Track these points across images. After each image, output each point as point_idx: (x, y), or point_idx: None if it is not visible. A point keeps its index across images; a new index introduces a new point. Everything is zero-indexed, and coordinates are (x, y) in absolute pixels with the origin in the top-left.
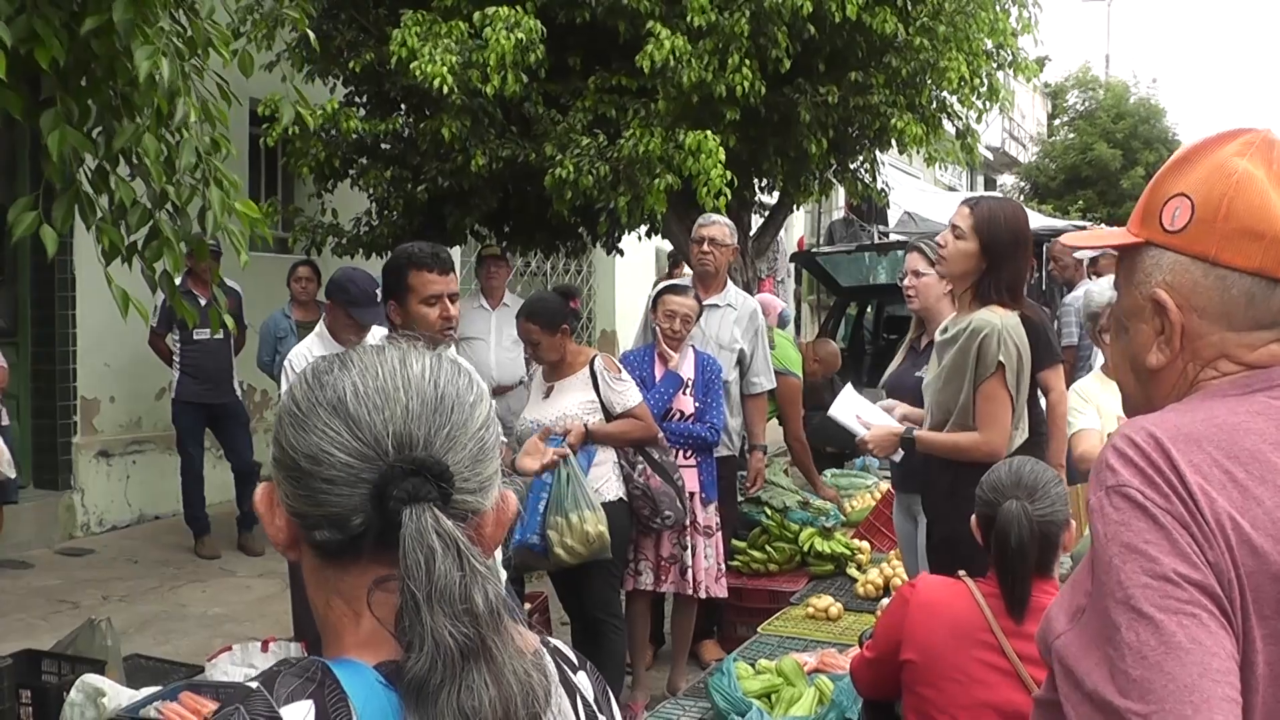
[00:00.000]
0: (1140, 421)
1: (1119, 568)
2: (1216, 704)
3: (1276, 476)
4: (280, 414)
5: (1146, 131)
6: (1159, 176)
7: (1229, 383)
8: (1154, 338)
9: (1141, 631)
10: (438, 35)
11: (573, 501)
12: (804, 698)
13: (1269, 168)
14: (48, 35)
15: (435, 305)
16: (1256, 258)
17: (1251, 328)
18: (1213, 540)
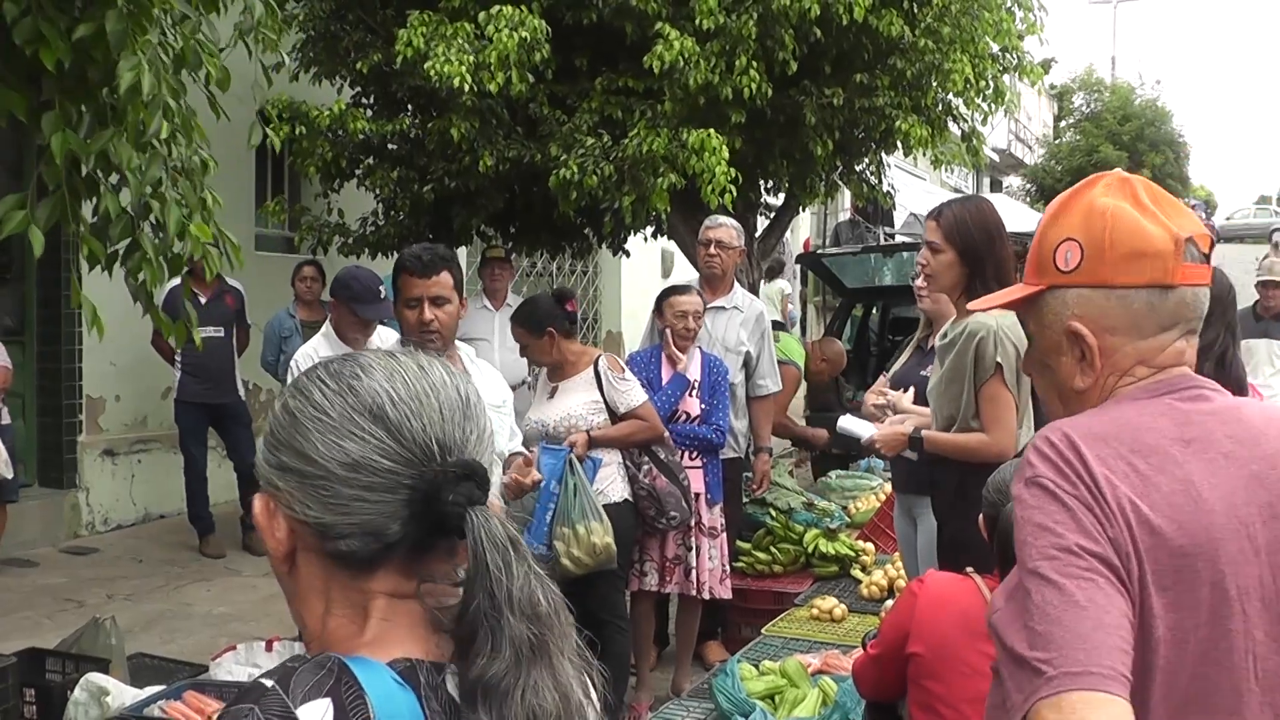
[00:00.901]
0: (1059, 424)
1: (1031, 544)
2: (1106, 651)
3: (1174, 467)
4: (295, 421)
5: (1153, 134)
6: (1040, 231)
7: (1139, 388)
8: (1077, 364)
9: (1047, 593)
10: (444, 36)
11: (580, 512)
12: (807, 699)
13: (1132, 200)
14: (53, 37)
15: (414, 308)
16: (1146, 273)
17: (1157, 331)
18: (1113, 520)
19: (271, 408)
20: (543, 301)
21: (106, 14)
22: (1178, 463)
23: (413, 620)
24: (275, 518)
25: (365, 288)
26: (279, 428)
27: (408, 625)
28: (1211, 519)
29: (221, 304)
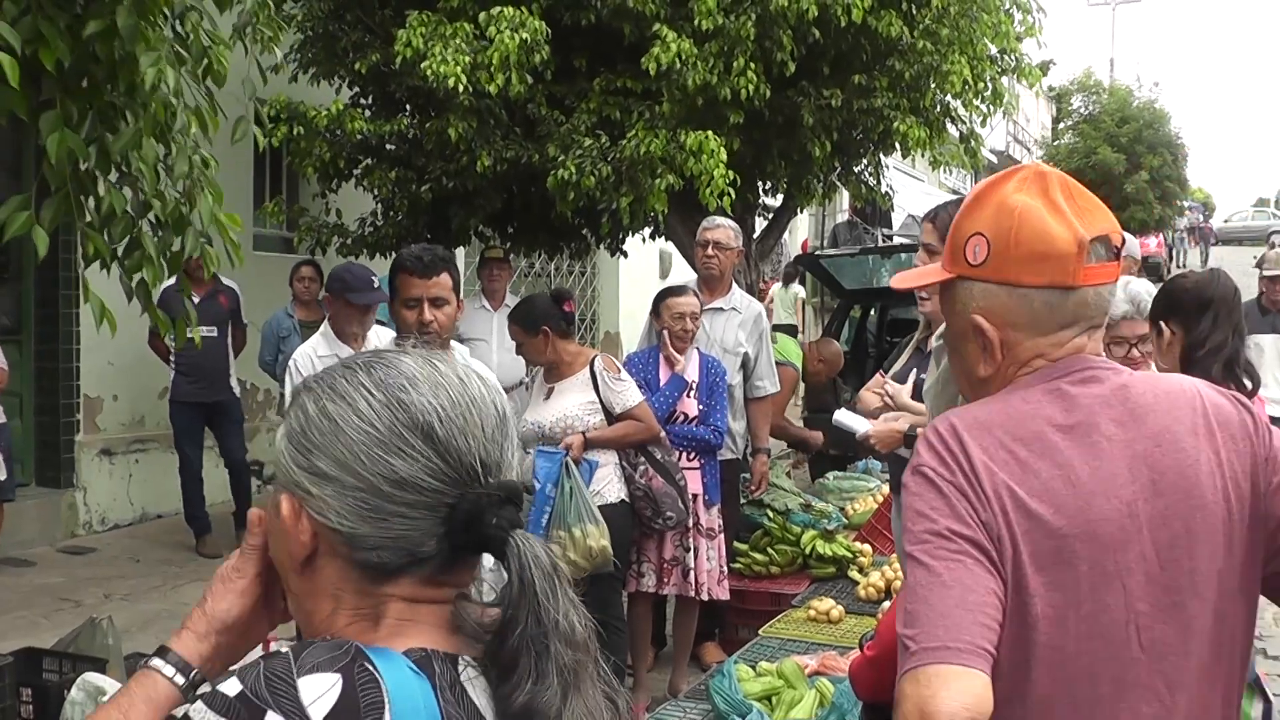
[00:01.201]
0: (948, 415)
1: (909, 528)
2: (965, 627)
3: (1053, 453)
4: (339, 430)
5: (1151, 136)
6: (958, 218)
7: (1033, 375)
8: (980, 354)
9: (918, 574)
10: (443, 36)
11: (575, 515)
12: (804, 700)
13: (1044, 196)
14: (52, 36)
15: (413, 308)
16: (1047, 274)
17: (1056, 329)
18: (987, 504)
19: (298, 406)
20: (539, 300)
21: (117, 9)
22: (1058, 449)
23: (430, 620)
24: (300, 520)
25: (357, 278)
26: (315, 432)
27: (424, 625)
28: (1090, 501)
29: (215, 303)
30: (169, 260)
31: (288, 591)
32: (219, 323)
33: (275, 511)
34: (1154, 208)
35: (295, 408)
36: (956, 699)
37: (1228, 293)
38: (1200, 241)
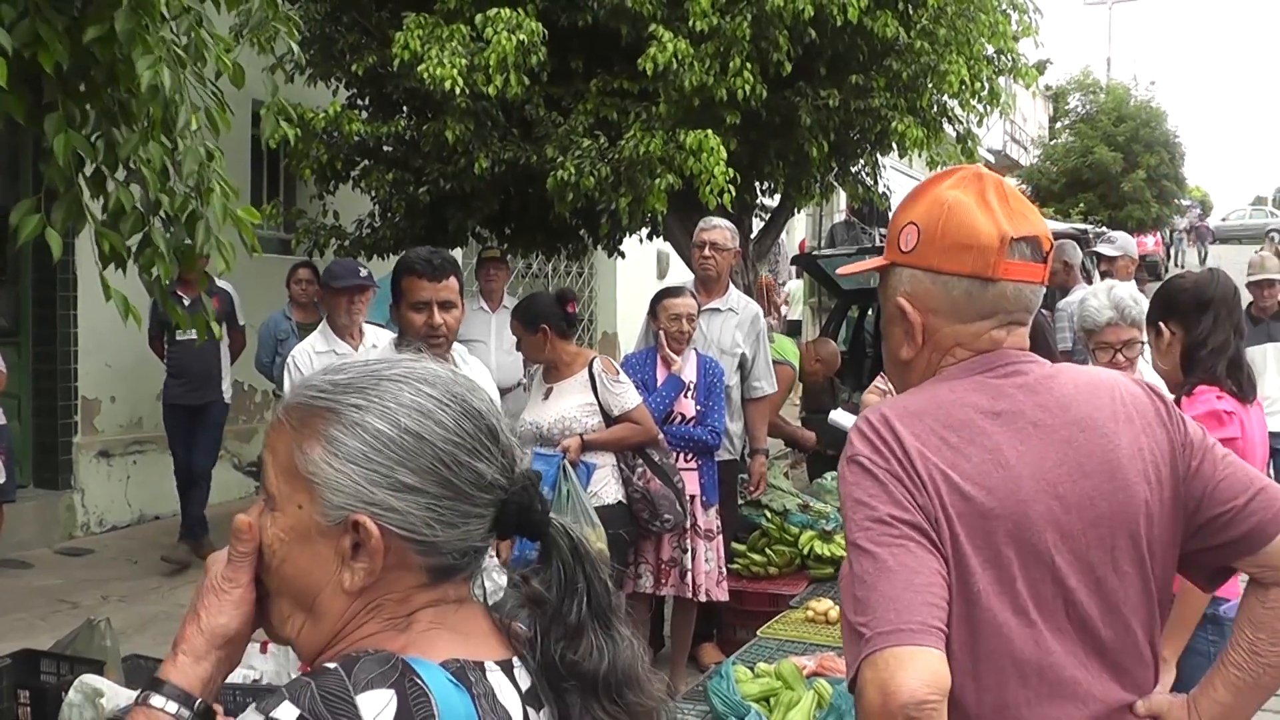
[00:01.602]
0: (875, 407)
1: (850, 517)
2: (916, 608)
3: (983, 439)
4: (425, 443)
5: (1148, 135)
6: (897, 210)
7: (958, 368)
8: (903, 337)
9: (864, 562)
10: (440, 38)
11: (572, 518)
12: (803, 701)
13: (979, 195)
14: (50, 39)
15: (422, 312)
16: (969, 264)
17: (974, 319)
18: (923, 488)
19: (349, 426)
20: (542, 299)
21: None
22: (987, 434)
23: (459, 623)
24: (385, 538)
25: (340, 267)
26: (394, 448)
27: (449, 630)
28: (1019, 483)
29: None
30: (181, 257)
31: (285, 604)
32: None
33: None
34: (1151, 206)
35: (342, 428)
36: (916, 677)
37: (1228, 292)
38: (1198, 241)
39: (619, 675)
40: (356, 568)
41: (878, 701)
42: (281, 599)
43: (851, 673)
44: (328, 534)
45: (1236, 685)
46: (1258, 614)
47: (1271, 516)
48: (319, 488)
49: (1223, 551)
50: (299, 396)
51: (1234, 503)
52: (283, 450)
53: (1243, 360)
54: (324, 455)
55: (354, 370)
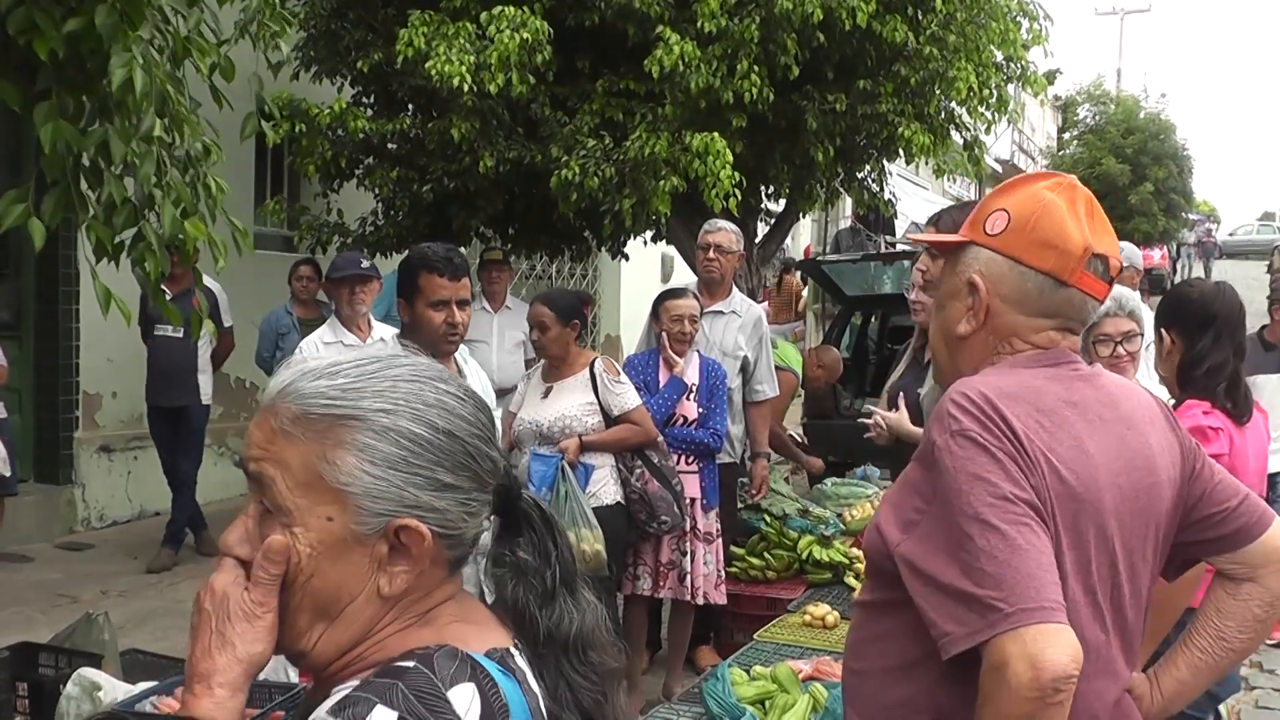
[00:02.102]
0: (967, 383)
1: (968, 492)
2: (1051, 588)
3: (1068, 426)
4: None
5: (1156, 147)
6: (987, 198)
7: (1026, 358)
8: (964, 312)
9: (991, 538)
10: (445, 36)
11: (570, 520)
12: (798, 705)
13: (1070, 203)
14: (46, 26)
15: (441, 310)
16: (1049, 262)
17: (1038, 315)
18: (1034, 469)
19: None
20: (571, 295)
21: (96, 9)
22: (1070, 422)
23: (469, 612)
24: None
25: (344, 259)
26: (434, 449)
27: (473, 621)
28: (1095, 471)
29: (186, 303)
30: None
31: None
32: (189, 323)
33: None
34: (1159, 219)
35: (375, 435)
36: (1065, 653)
37: (1232, 310)
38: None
39: (585, 637)
40: (396, 572)
41: (1028, 675)
42: (301, 613)
43: (968, 641)
44: (363, 542)
45: (1197, 666)
46: (1228, 605)
47: (1256, 520)
48: (355, 497)
49: (1207, 546)
50: (304, 404)
51: (1228, 504)
52: (297, 463)
53: (1240, 381)
54: (359, 464)
55: (353, 371)
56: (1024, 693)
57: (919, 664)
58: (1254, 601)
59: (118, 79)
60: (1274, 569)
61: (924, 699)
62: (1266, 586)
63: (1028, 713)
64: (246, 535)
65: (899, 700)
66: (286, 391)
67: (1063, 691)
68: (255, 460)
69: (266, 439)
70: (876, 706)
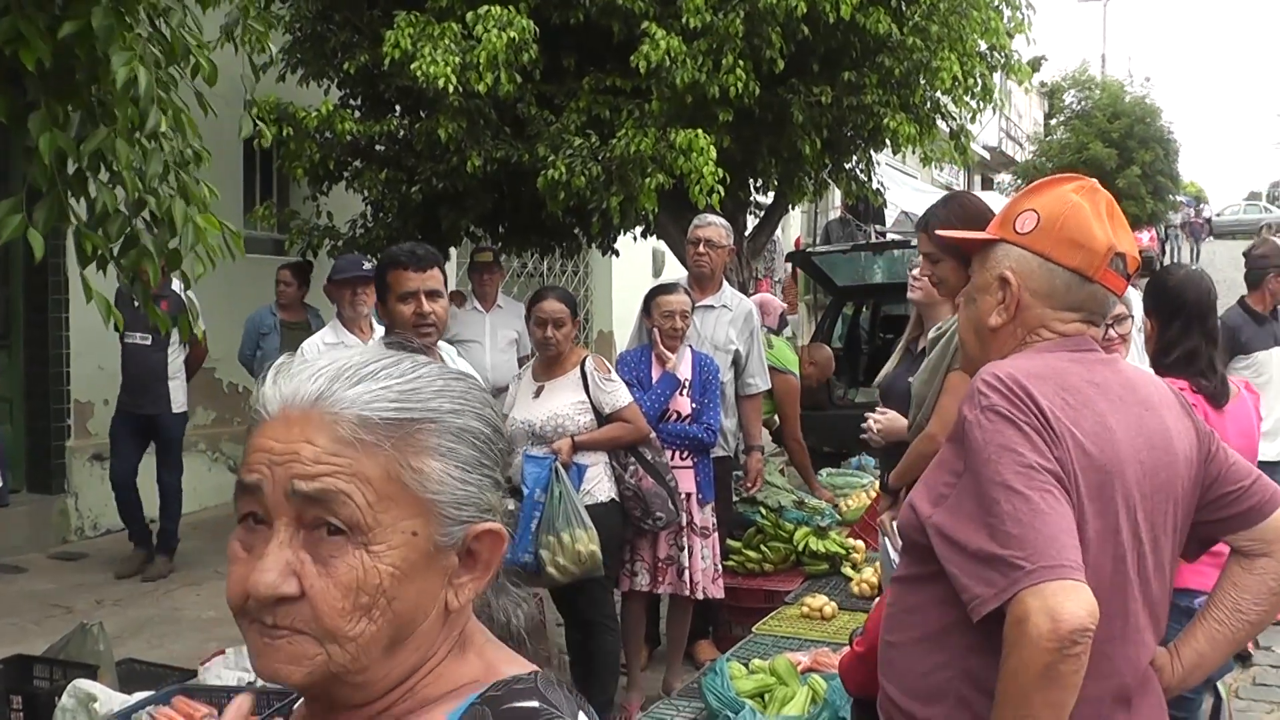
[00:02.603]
0: (996, 365)
1: (996, 461)
2: (1070, 549)
3: (1091, 404)
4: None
5: (1142, 131)
6: (1015, 199)
7: (1050, 344)
8: (996, 305)
9: (1016, 502)
10: (431, 36)
11: (564, 521)
12: (797, 697)
13: (1094, 206)
14: (32, 36)
15: (409, 302)
16: (1076, 260)
17: (1065, 309)
18: (1059, 442)
19: (465, 431)
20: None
21: (93, 10)
22: (1094, 400)
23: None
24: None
25: (346, 261)
26: (492, 445)
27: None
28: (1118, 446)
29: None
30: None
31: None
32: (156, 330)
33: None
34: (1146, 202)
35: (453, 437)
36: (1083, 607)
37: (1201, 296)
38: (1192, 237)
39: (531, 627)
40: (462, 583)
41: (1046, 626)
42: (376, 645)
43: (995, 600)
44: (443, 553)
45: (1215, 638)
46: (1243, 579)
47: (1269, 498)
48: (441, 505)
49: (1223, 525)
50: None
51: (1242, 483)
52: (378, 474)
53: (1215, 366)
54: (444, 469)
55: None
56: (1043, 643)
57: (950, 632)
58: (1269, 575)
59: (121, 77)
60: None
61: (956, 664)
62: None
63: (1047, 663)
64: (288, 568)
65: (932, 667)
66: (331, 398)
67: (1080, 644)
68: (315, 476)
69: (331, 450)
70: (912, 675)
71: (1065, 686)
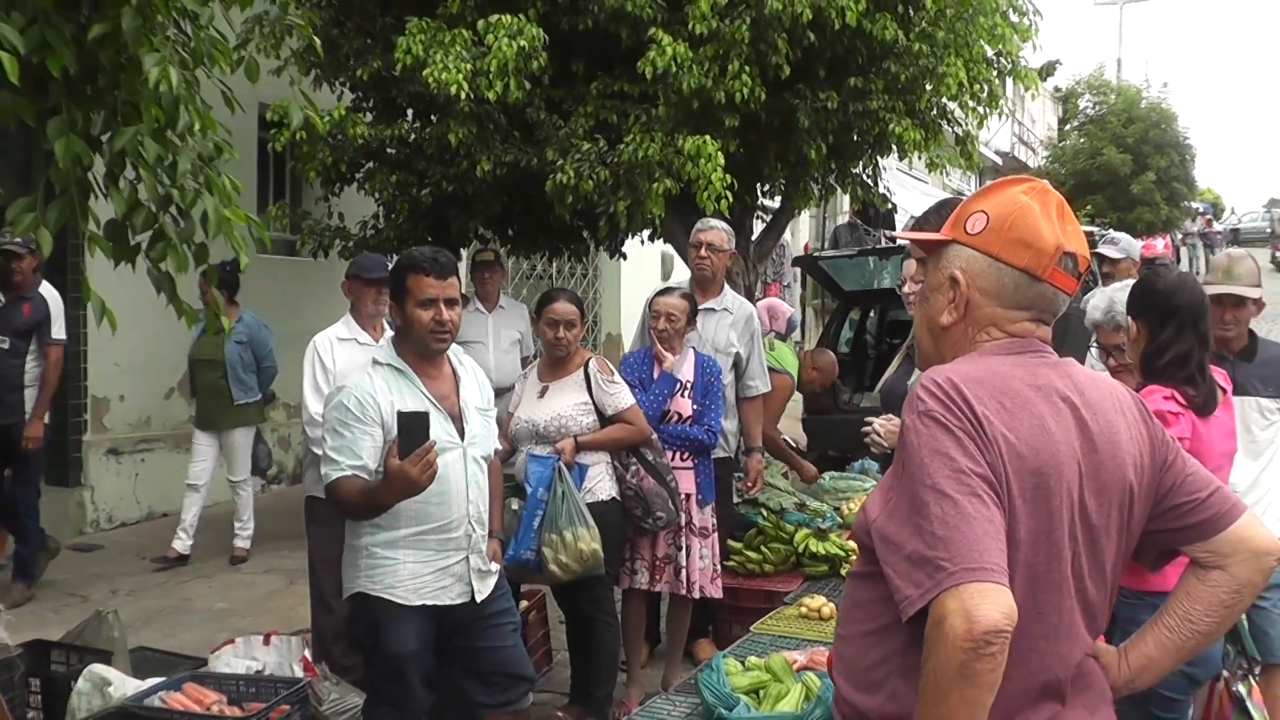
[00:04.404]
0: (937, 370)
1: (928, 464)
2: (992, 552)
3: (1030, 407)
4: None
5: (1158, 136)
6: (967, 200)
7: (998, 346)
8: (946, 304)
9: (945, 506)
10: (442, 43)
11: (567, 519)
12: (791, 694)
13: (1044, 206)
14: (59, 44)
15: (429, 309)
16: (1024, 259)
17: (1014, 307)
18: (991, 447)
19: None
20: None
21: (122, 11)
22: (1032, 403)
23: None
24: None
25: (371, 260)
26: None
27: None
28: (1057, 448)
29: (15, 312)
30: (195, 251)
31: None
32: (15, 333)
33: None
34: (1161, 208)
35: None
36: (998, 609)
37: (1195, 300)
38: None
39: None
40: None
41: (962, 627)
42: None
43: (920, 600)
44: None
45: (1164, 644)
46: (1197, 590)
47: (1226, 511)
48: None
49: (1179, 535)
50: None
51: (1198, 494)
52: None
53: (1206, 371)
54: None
55: None
56: (959, 643)
57: (891, 628)
58: (1221, 589)
59: (152, 78)
60: (1242, 558)
61: (894, 659)
62: (1234, 575)
63: (962, 662)
64: None
65: (874, 661)
66: None
67: (994, 644)
68: None
69: None
70: (857, 667)
71: (981, 685)
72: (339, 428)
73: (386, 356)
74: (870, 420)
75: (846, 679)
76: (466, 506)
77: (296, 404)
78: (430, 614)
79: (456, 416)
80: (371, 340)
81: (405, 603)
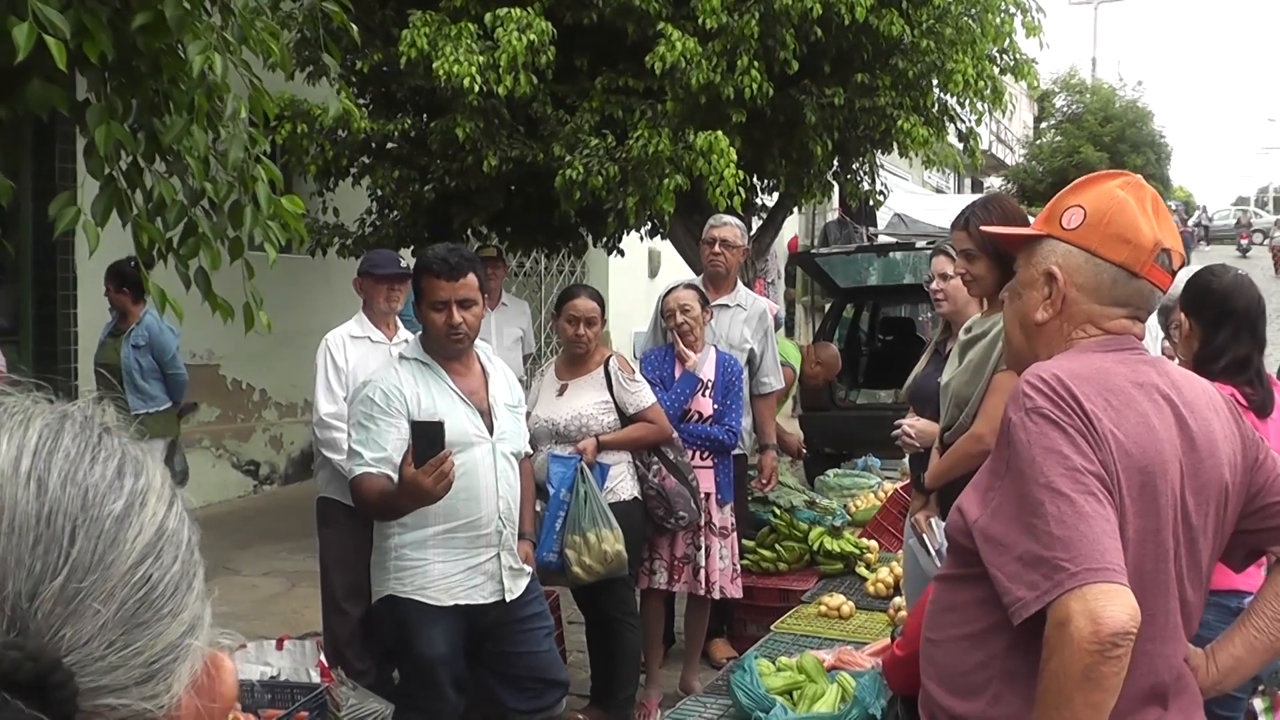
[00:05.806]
0: (1041, 366)
1: (1041, 463)
2: (1113, 552)
3: (1134, 405)
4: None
5: (1134, 134)
6: (1061, 194)
7: (1096, 343)
8: (1042, 300)
9: (1061, 505)
10: (449, 36)
11: (590, 520)
12: (827, 694)
13: (1139, 201)
14: (96, 29)
15: (441, 312)
16: (1123, 255)
17: (1111, 304)
18: (1102, 445)
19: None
20: None
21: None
22: (1136, 401)
23: None
24: None
25: (383, 257)
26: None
27: None
28: (1161, 446)
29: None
30: (229, 246)
31: None
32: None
33: None
34: None
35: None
36: (1125, 611)
37: (1251, 303)
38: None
39: None
40: None
41: (1088, 629)
42: None
43: (1037, 602)
44: None
45: (1253, 644)
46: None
47: None
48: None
49: (1269, 534)
50: None
51: None
52: None
53: (1263, 374)
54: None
55: None
56: (1085, 645)
57: (990, 632)
58: None
59: (196, 66)
60: None
61: (995, 663)
62: None
63: (1087, 665)
64: None
65: (973, 665)
66: None
67: (1121, 647)
68: None
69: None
70: (952, 671)
71: (1106, 688)
72: (364, 420)
73: (414, 352)
74: (899, 423)
75: (941, 684)
76: (496, 502)
77: (289, 403)
78: (462, 615)
79: (485, 412)
80: (384, 338)
81: (437, 604)
